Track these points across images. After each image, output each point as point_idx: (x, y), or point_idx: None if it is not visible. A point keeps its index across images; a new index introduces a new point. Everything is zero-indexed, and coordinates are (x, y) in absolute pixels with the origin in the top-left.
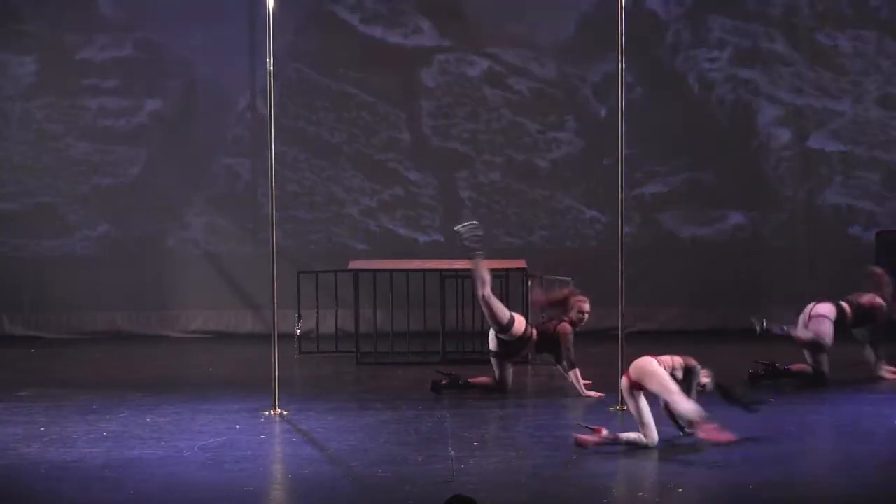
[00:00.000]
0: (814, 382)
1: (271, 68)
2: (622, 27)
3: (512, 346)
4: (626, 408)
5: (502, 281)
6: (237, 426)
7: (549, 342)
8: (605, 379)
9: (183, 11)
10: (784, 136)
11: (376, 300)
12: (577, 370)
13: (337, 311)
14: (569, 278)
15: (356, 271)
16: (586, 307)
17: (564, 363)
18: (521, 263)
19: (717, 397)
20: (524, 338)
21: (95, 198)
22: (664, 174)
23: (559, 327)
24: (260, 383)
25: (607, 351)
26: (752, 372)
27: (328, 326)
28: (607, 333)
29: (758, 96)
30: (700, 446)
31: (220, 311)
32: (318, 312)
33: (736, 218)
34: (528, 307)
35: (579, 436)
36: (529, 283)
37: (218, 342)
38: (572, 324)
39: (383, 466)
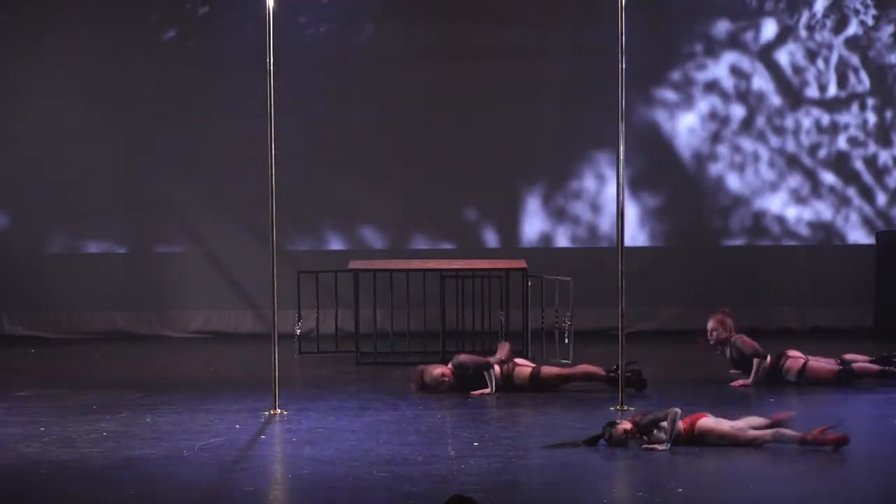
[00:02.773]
0: None
1: (271, 68)
2: (622, 26)
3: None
4: (626, 408)
5: (502, 281)
6: (237, 426)
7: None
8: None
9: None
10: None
11: (376, 300)
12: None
13: (337, 311)
14: (569, 278)
15: (356, 271)
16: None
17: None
18: (522, 263)
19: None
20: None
21: (94, 197)
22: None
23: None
24: (260, 383)
25: (607, 351)
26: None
27: (328, 326)
28: (607, 333)
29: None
30: (700, 447)
31: (220, 311)
32: (318, 312)
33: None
34: (528, 307)
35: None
36: (529, 283)
37: (218, 342)
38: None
39: (383, 466)
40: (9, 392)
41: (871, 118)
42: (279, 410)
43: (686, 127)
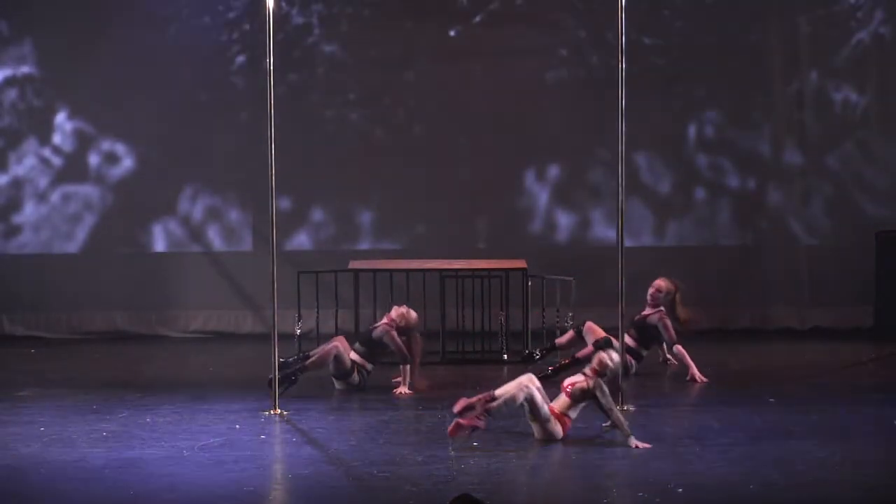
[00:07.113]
0: None
1: (271, 68)
2: (622, 26)
3: None
4: (626, 408)
5: (502, 281)
6: (237, 426)
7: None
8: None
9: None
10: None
11: (376, 300)
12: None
13: (337, 311)
14: (570, 278)
15: (356, 271)
16: None
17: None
18: (522, 263)
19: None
20: None
21: (94, 197)
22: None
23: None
24: (260, 383)
25: None
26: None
27: (328, 326)
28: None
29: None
30: (700, 447)
31: (220, 311)
32: (318, 312)
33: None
34: (528, 308)
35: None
36: (529, 283)
37: (218, 342)
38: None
39: (383, 466)
40: (9, 392)
41: None
42: (279, 410)
43: None
